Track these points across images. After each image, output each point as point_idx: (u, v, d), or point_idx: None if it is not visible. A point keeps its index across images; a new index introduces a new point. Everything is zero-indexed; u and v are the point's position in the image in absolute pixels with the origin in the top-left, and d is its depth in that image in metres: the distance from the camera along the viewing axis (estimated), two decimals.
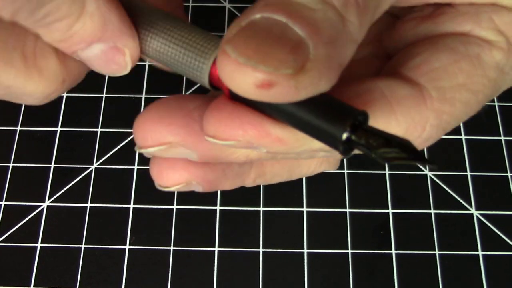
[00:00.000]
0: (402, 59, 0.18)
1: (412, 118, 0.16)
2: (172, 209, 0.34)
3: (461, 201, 0.35)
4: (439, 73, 0.17)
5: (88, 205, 0.35)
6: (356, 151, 0.15)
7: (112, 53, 0.16)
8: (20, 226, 0.34)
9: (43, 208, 0.34)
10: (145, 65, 0.39)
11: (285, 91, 0.13)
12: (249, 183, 0.19)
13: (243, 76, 0.13)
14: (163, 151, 0.16)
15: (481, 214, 0.34)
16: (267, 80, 0.13)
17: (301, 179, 0.35)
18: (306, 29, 0.13)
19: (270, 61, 0.13)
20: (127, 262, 0.33)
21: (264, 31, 0.13)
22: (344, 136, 0.14)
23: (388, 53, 0.20)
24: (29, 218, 0.34)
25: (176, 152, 0.16)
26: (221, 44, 0.14)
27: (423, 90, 0.16)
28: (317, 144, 0.15)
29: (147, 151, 0.16)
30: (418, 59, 0.17)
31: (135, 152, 0.36)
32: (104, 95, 0.38)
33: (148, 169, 0.37)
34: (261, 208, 0.34)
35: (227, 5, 0.41)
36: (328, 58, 0.14)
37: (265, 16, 0.13)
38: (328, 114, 0.14)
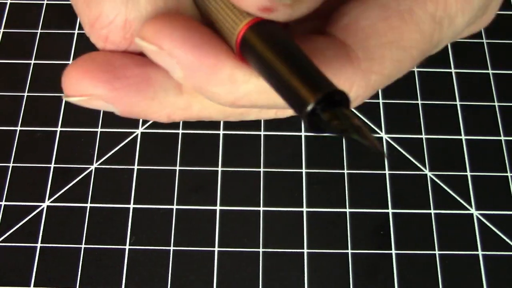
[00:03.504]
0: (333, 19, 0.18)
1: (338, 79, 0.16)
2: (172, 209, 0.34)
3: (461, 201, 0.35)
4: (367, 32, 0.17)
5: (88, 205, 0.35)
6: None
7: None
8: (20, 226, 0.34)
9: (43, 208, 0.34)
10: None
11: (282, 16, 0.15)
12: (177, 116, 0.18)
13: (249, 1, 0.15)
14: (85, 101, 0.17)
15: (481, 214, 0.34)
16: (268, 6, 0.15)
17: (301, 179, 0.35)
18: None
19: None
20: (127, 262, 0.33)
21: None
22: (309, 107, 0.13)
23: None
24: (29, 218, 0.34)
25: (98, 104, 0.17)
26: None
27: (349, 51, 0.16)
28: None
29: (69, 100, 0.17)
30: (347, 19, 0.17)
31: (135, 152, 0.36)
32: None
33: (148, 169, 0.38)
34: (261, 208, 0.34)
35: None
36: None
37: None
38: (306, 79, 0.14)
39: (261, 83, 0.16)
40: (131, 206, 0.35)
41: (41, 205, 0.34)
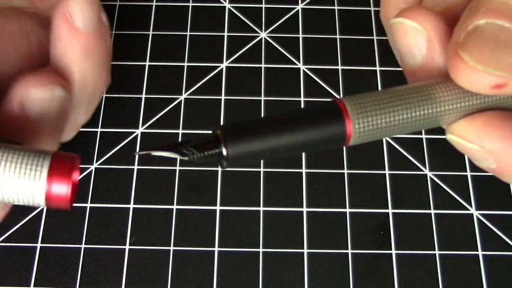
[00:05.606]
0: None
1: None
2: (172, 209, 0.34)
3: (461, 201, 0.35)
4: None
5: (88, 205, 0.35)
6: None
7: None
8: (20, 226, 0.34)
9: (43, 208, 0.34)
10: (145, 65, 0.39)
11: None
12: None
13: (480, 80, 0.15)
14: (473, 150, 0.20)
15: (481, 214, 0.34)
16: (501, 82, 0.15)
17: (301, 179, 0.35)
18: None
19: (503, 67, 0.15)
20: (127, 262, 0.33)
21: (493, 37, 0.15)
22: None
23: None
24: (29, 218, 0.34)
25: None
26: (452, 47, 0.16)
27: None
28: None
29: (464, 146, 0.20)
30: None
31: (135, 152, 0.36)
32: (104, 95, 0.38)
33: (148, 169, 0.37)
34: (261, 208, 0.34)
35: (227, 5, 0.41)
36: None
37: (490, 22, 0.15)
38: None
39: None
40: (131, 206, 0.35)
41: None
